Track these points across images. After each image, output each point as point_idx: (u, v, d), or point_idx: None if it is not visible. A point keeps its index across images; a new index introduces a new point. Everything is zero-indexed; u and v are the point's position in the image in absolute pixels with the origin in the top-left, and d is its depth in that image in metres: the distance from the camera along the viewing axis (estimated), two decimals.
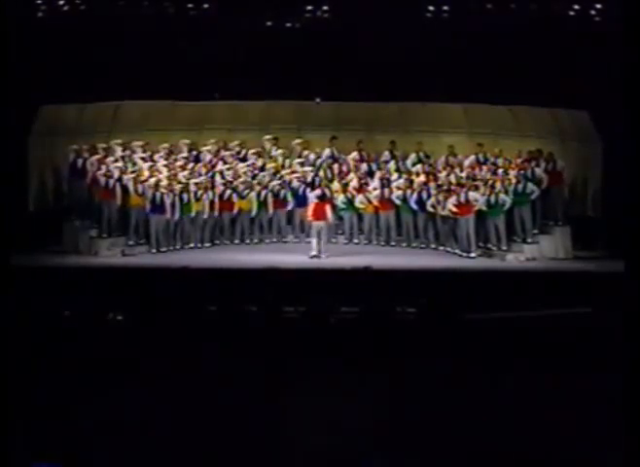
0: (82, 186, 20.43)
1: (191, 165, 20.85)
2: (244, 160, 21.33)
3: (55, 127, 21.03)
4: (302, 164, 21.14)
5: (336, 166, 21.15)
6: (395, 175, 20.69)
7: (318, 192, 20.26)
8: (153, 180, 20.01)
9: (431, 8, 20.75)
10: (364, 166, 21.07)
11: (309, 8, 21.20)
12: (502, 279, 17.22)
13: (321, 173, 20.99)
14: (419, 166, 20.79)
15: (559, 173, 20.36)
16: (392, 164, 21.09)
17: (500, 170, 20.16)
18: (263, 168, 21.07)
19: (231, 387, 9.60)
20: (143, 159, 20.80)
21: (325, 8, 21.16)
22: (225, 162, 21.08)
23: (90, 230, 20.19)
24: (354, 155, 21.25)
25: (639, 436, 8.83)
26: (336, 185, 20.68)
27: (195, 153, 21.30)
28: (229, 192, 20.49)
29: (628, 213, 12.95)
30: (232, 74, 21.21)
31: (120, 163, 20.34)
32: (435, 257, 19.54)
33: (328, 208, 19.72)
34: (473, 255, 19.46)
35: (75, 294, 14.34)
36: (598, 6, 19.93)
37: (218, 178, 20.67)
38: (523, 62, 20.20)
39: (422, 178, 20.32)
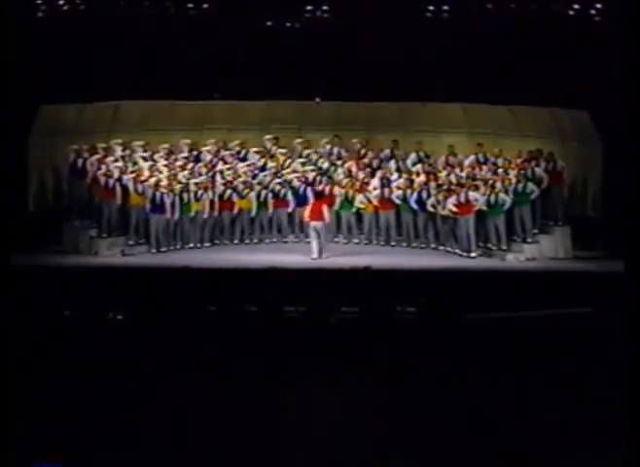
0: (82, 186, 20.41)
1: (190, 165, 20.84)
2: (244, 159, 21.33)
3: (55, 127, 21.01)
4: (303, 164, 21.13)
5: (338, 165, 21.14)
6: (395, 175, 20.68)
7: (317, 188, 20.30)
8: (153, 180, 20.00)
9: (431, 8, 20.73)
10: (366, 165, 21.05)
11: (309, 8, 21.18)
12: (502, 279, 17.21)
13: (325, 165, 20.99)
14: (419, 166, 20.79)
15: (559, 173, 20.35)
16: (392, 164, 21.08)
17: (500, 170, 20.15)
18: (263, 168, 21.07)
19: (232, 387, 9.60)
20: (143, 158, 20.81)
21: (325, 8, 21.14)
22: (225, 162, 21.07)
23: (90, 230, 20.17)
24: (356, 147, 21.29)
25: (639, 436, 8.83)
26: (337, 180, 20.66)
27: (195, 153, 21.29)
28: (229, 191, 20.48)
29: (628, 213, 12.96)
30: (232, 74, 21.20)
31: (120, 163, 20.33)
32: (435, 257, 19.52)
33: (325, 208, 19.71)
34: (473, 255, 19.45)
35: (75, 294, 14.34)
36: (598, 6, 19.92)
37: (218, 178, 20.66)
38: (523, 62, 20.19)
39: (422, 178, 20.32)
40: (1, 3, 15.98)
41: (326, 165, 21.10)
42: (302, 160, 21.21)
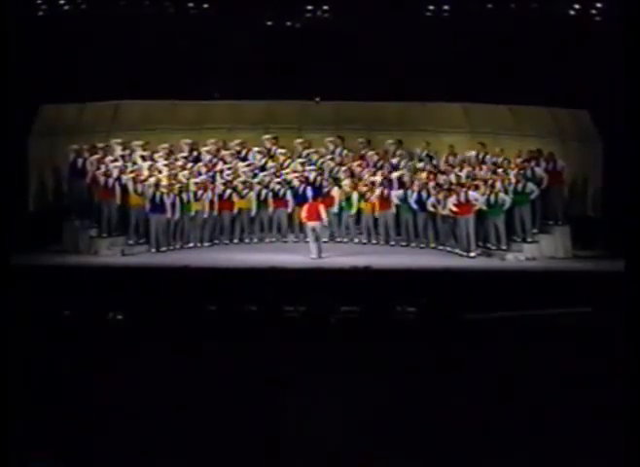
0: (82, 186, 20.42)
1: (190, 165, 20.83)
2: (244, 159, 21.33)
3: (55, 127, 21.03)
4: (303, 164, 21.12)
5: (339, 165, 21.14)
6: (395, 174, 20.68)
7: (317, 188, 20.32)
8: (153, 180, 20.01)
9: (431, 8, 20.75)
10: (367, 165, 21.06)
11: (309, 8, 21.20)
12: (502, 279, 17.20)
13: (327, 164, 20.99)
14: (421, 165, 20.79)
15: (559, 173, 20.36)
16: (393, 163, 21.08)
17: (500, 170, 20.16)
18: (263, 168, 21.06)
19: (232, 387, 9.60)
20: (143, 158, 20.81)
21: (325, 8, 21.16)
22: (225, 162, 21.07)
23: (90, 229, 20.19)
24: (359, 147, 21.30)
25: (639, 436, 8.83)
26: (341, 181, 20.69)
27: (195, 153, 21.28)
28: (229, 191, 20.48)
29: (628, 213, 12.96)
30: (232, 74, 21.21)
31: (119, 163, 20.33)
32: (435, 257, 19.53)
33: (322, 209, 19.72)
34: (472, 254, 19.45)
35: (75, 294, 14.34)
36: (598, 5, 19.93)
37: (218, 178, 20.66)
38: (523, 62, 20.19)
39: (423, 177, 20.31)
40: (1, 3, 15.96)
41: (331, 165, 21.08)
42: (301, 160, 21.21)
